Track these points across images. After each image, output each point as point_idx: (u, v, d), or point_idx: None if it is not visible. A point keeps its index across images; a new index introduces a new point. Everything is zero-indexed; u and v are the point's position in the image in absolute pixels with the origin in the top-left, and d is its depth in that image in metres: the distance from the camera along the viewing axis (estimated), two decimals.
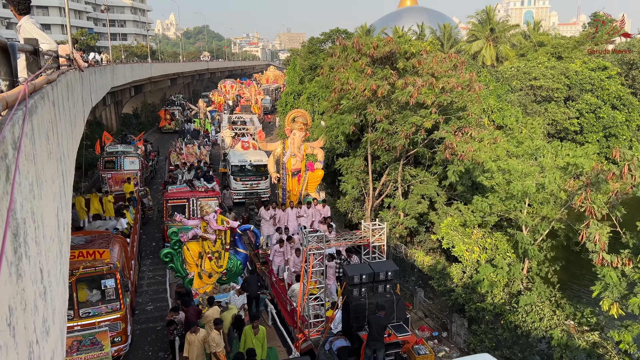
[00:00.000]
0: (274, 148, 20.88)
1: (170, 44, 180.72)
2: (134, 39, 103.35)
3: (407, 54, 21.95)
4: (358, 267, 13.29)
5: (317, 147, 20.72)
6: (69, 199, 6.17)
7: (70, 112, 7.96)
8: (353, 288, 12.44)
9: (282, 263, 16.94)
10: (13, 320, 2.05)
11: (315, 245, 13.46)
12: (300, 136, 20.07)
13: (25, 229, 2.51)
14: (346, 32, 44.81)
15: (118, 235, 15.09)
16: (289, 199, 20.01)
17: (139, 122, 53.51)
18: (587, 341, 13.75)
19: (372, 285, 12.59)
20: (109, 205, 21.11)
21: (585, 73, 35.23)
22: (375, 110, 20.32)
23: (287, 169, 20.24)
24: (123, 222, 18.55)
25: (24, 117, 2.71)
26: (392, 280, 12.79)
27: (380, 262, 13.50)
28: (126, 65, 42.68)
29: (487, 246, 17.32)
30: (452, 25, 62.09)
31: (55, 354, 3.20)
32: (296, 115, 20.47)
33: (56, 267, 3.81)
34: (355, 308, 12.33)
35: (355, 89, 20.28)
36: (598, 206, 12.77)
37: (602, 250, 12.13)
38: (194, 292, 14.46)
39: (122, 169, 26.71)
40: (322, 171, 20.84)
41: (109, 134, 31.42)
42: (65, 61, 10.19)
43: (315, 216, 18.79)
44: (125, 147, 29.07)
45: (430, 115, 19.16)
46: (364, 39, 23.08)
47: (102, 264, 12.61)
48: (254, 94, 61.67)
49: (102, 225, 18.92)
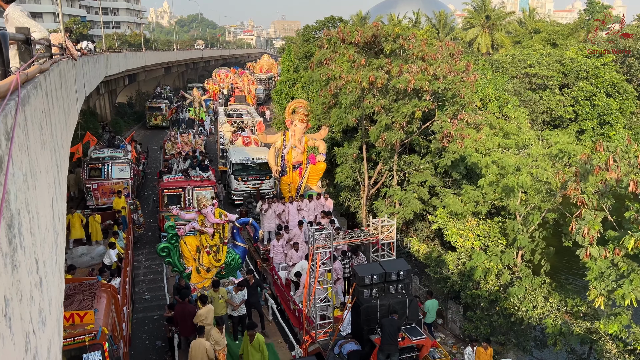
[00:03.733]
0: (274, 140, 20.14)
1: (164, 32, 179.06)
2: (128, 27, 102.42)
3: (392, 35, 21.55)
4: (368, 267, 12.62)
5: (318, 138, 20.00)
6: (63, 190, 6.15)
7: (63, 102, 7.91)
8: (363, 289, 11.85)
9: (282, 260, 16.30)
10: (9, 310, 2.06)
11: (322, 244, 12.88)
12: (301, 127, 19.38)
13: (20, 220, 2.51)
14: (341, 19, 44.47)
15: (104, 283, 11.36)
16: (290, 193, 19.34)
17: (134, 112, 53.13)
18: (581, 327, 13.91)
19: (383, 286, 11.99)
20: (95, 227, 17.45)
21: (580, 60, 35.22)
22: (373, 101, 19.83)
23: (288, 162, 19.53)
24: (112, 254, 14.91)
25: (17, 107, 2.69)
26: (404, 280, 12.22)
27: (391, 261, 12.85)
28: (120, 54, 42.30)
29: (481, 233, 17.42)
30: (448, 12, 61.82)
31: (52, 344, 3.22)
32: (297, 106, 19.71)
33: (52, 258, 3.81)
34: (366, 310, 11.72)
35: (351, 82, 19.83)
36: (588, 196, 12.82)
37: (589, 244, 12.17)
38: (192, 287, 14.07)
39: (110, 177, 22.91)
40: (324, 164, 20.15)
41: (92, 136, 26.93)
42: (58, 50, 10.10)
43: (317, 210, 18.16)
44: (114, 152, 24.84)
45: (422, 102, 19.02)
46: (349, 28, 22.61)
47: (84, 332, 9.32)
48: (246, 83, 60.25)
49: (87, 252, 16.24)
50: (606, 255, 12.06)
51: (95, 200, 22.43)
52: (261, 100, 59.51)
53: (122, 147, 26.35)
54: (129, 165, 23.52)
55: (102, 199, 22.44)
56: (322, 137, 20.07)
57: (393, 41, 21.09)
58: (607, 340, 13.36)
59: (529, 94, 33.87)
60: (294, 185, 19.58)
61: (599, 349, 13.59)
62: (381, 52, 21.70)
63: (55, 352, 3.38)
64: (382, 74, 19.27)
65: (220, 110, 39.72)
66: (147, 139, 43.13)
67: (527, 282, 15.71)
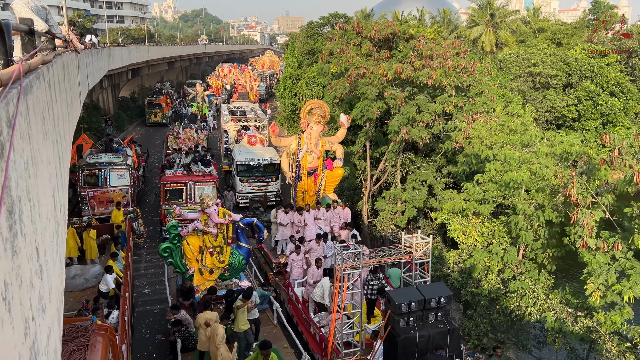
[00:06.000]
0: (287, 144, 18.42)
1: (168, 27, 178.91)
2: (132, 21, 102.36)
3: (407, 34, 21.85)
4: (405, 292, 11.25)
5: (335, 142, 18.20)
6: (65, 181, 6.19)
7: (66, 94, 7.94)
8: (400, 317, 10.57)
9: (301, 276, 14.88)
10: (9, 295, 2.08)
11: (350, 264, 11.40)
12: (318, 130, 17.62)
13: (21, 207, 2.53)
14: (345, 16, 44.44)
15: (100, 324, 9.19)
16: (305, 201, 17.93)
17: (137, 106, 53.19)
18: (581, 327, 13.91)
19: (422, 314, 10.76)
20: (90, 244, 15.69)
21: (584, 60, 35.12)
22: (396, 93, 19.58)
23: (303, 167, 17.81)
24: (109, 280, 12.78)
25: (19, 96, 2.71)
26: (445, 307, 10.99)
27: (430, 286, 11.59)
28: (123, 48, 42.29)
29: (485, 231, 17.39)
30: (453, 10, 61.65)
31: (51, 332, 3.24)
32: (313, 106, 17.84)
33: (52, 247, 3.84)
34: (404, 342, 10.44)
35: (373, 73, 19.70)
36: (584, 196, 12.85)
37: (588, 235, 12.20)
38: (195, 288, 13.70)
39: (107, 184, 21.13)
40: (342, 170, 18.53)
41: (88, 138, 25.08)
42: (62, 42, 10.13)
43: (334, 220, 16.81)
44: (111, 157, 22.78)
45: (450, 98, 19.09)
46: (364, 23, 22.98)
47: None
48: (248, 80, 59.48)
49: (81, 274, 14.23)
50: (604, 248, 12.08)
51: (91, 209, 20.69)
52: (263, 98, 58.31)
53: (120, 151, 24.41)
54: (128, 172, 21.80)
55: (99, 208, 20.79)
56: (339, 140, 18.32)
57: (407, 40, 21.40)
58: (606, 339, 13.36)
59: (533, 93, 33.81)
60: (310, 193, 18.05)
61: (599, 348, 13.59)
62: (394, 48, 21.92)
63: (55, 340, 3.41)
64: (407, 65, 19.34)
65: (224, 107, 39.01)
66: (146, 137, 42.22)
67: (529, 276, 15.70)
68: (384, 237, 22.53)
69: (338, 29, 23.71)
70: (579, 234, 12.50)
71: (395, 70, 19.29)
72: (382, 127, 22.98)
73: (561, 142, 15.89)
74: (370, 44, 21.82)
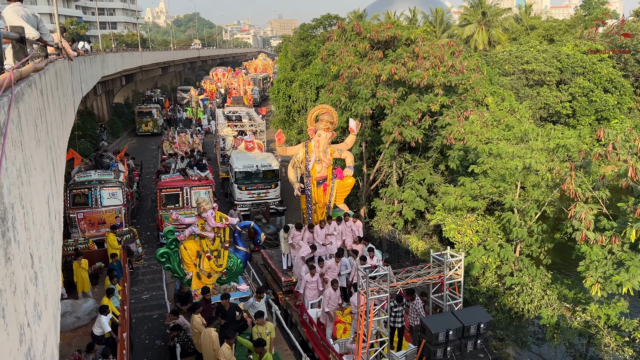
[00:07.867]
0: (294, 153, 16.95)
1: (161, 32, 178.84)
2: (124, 27, 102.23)
3: (407, 40, 22.10)
4: (440, 319, 10.18)
5: (344, 149, 16.81)
6: (60, 187, 6.18)
7: (60, 101, 7.94)
8: (437, 348, 9.65)
9: (316, 297, 13.67)
10: (2, 301, 2.09)
11: (377, 287, 10.30)
12: (326, 137, 16.28)
13: (14, 214, 2.53)
14: (338, 17, 44.49)
15: None
16: (315, 213, 16.58)
17: (131, 112, 53.14)
18: (579, 321, 13.96)
19: (460, 343, 9.84)
20: (81, 275, 13.86)
21: (577, 56, 35.26)
22: (388, 93, 19.77)
23: (312, 177, 16.43)
24: (104, 322, 11.10)
25: (10, 104, 2.72)
26: (485, 334, 10.06)
27: (467, 311, 10.61)
28: (116, 54, 42.26)
29: (479, 229, 17.45)
30: (445, 9, 61.80)
31: (48, 338, 3.24)
32: (320, 112, 16.52)
33: (48, 254, 3.84)
34: None
35: (365, 73, 19.87)
36: (582, 189, 12.92)
37: (586, 228, 12.28)
38: (193, 293, 13.58)
39: (98, 204, 19.58)
40: (353, 179, 17.07)
41: (77, 153, 23.58)
42: (54, 50, 10.13)
43: (346, 234, 15.61)
44: (102, 174, 21.04)
45: (436, 97, 19.28)
46: (362, 23, 23.17)
47: None
48: (242, 84, 58.58)
49: (71, 310, 12.49)
50: (602, 241, 12.15)
51: (81, 232, 19.25)
52: (257, 102, 57.83)
53: (112, 167, 22.82)
54: (121, 190, 20.23)
55: (89, 230, 19.37)
56: (348, 147, 16.87)
57: (406, 45, 21.67)
58: (604, 333, 13.41)
59: (526, 90, 33.91)
60: (320, 205, 16.60)
61: (597, 342, 13.65)
62: (393, 51, 22.09)
63: (51, 347, 3.41)
64: (400, 66, 19.52)
65: (219, 112, 38.12)
66: (141, 144, 41.56)
67: (526, 272, 15.76)
68: (382, 237, 22.56)
69: (337, 28, 23.78)
70: (576, 227, 12.57)
71: (389, 71, 19.45)
72: (376, 127, 23.06)
73: (557, 137, 16.02)
74: (369, 44, 21.97)
